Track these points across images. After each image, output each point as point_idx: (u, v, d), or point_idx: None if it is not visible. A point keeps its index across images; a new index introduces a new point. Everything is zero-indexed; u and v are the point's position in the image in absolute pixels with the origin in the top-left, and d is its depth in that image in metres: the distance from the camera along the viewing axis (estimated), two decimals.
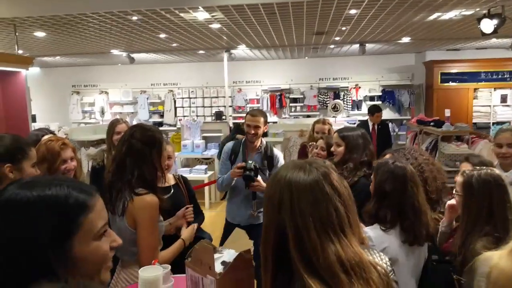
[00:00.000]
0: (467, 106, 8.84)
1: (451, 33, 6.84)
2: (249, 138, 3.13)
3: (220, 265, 1.88)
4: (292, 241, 1.01)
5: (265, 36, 6.79)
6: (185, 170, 6.66)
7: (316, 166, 1.10)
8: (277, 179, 1.10)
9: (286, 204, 1.04)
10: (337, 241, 1.01)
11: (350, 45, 8.13)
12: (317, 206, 1.03)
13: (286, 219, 1.03)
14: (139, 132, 2.00)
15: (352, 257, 1.00)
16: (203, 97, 10.30)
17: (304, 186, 1.04)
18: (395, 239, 1.84)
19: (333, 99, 10.04)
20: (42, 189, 0.84)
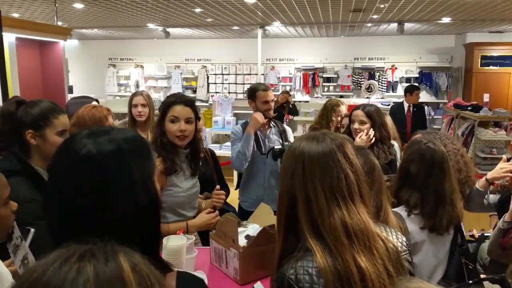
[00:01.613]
0: (508, 91, 8.44)
1: (494, 13, 6.48)
2: (267, 114, 3.05)
3: (244, 239, 1.95)
4: (301, 204, 1.08)
5: (301, 12, 6.67)
6: (215, 146, 6.76)
7: (331, 136, 1.16)
8: (292, 148, 1.17)
9: (298, 170, 1.11)
10: (344, 206, 1.07)
11: (388, 24, 7.86)
12: (328, 171, 1.09)
13: (297, 184, 1.10)
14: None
15: (357, 224, 1.06)
16: (236, 74, 10.30)
17: (317, 154, 1.11)
18: (414, 223, 1.78)
19: (368, 80, 9.82)
20: None
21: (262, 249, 1.87)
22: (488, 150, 5.55)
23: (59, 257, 0.53)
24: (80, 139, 0.83)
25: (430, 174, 1.77)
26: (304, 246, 1.06)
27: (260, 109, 3.05)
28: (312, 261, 1.02)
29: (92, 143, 0.82)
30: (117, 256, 0.55)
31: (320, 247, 1.03)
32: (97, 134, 0.85)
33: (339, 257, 1.02)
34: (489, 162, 5.45)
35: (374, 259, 1.05)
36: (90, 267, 0.52)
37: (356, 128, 2.74)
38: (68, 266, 0.51)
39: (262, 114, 3.01)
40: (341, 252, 1.02)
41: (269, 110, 3.07)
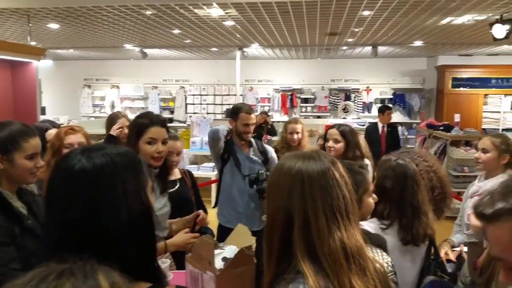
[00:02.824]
0: (477, 112, 8.75)
1: (463, 38, 6.78)
2: (246, 137, 3.10)
3: (220, 261, 1.90)
4: (298, 226, 1.04)
5: (278, 35, 6.80)
6: (193, 167, 6.70)
7: (324, 155, 1.14)
8: (286, 167, 1.11)
9: (296, 189, 1.06)
10: (343, 227, 1.04)
11: (363, 47, 8.10)
12: (328, 191, 1.06)
13: (295, 204, 1.05)
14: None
15: (354, 244, 1.04)
16: (214, 95, 10.33)
17: (317, 173, 1.07)
18: (391, 237, 1.80)
19: (344, 101, 10.02)
20: None
21: (240, 271, 1.82)
22: (460, 168, 5.70)
23: (36, 276, 0.53)
24: (75, 155, 0.90)
25: (405, 187, 1.82)
26: (295, 268, 1.02)
27: (239, 130, 3.09)
28: (304, 283, 0.98)
29: (86, 158, 0.89)
30: (96, 274, 0.55)
31: (312, 270, 1.00)
32: (91, 150, 0.92)
33: (335, 280, 0.99)
34: (461, 180, 5.59)
35: (367, 280, 1.03)
36: (68, 285, 0.51)
37: (330, 146, 2.79)
38: (46, 284, 0.51)
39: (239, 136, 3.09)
40: (339, 275, 0.99)
41: (247, 134, 3.10)
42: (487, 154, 2.58)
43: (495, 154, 2.55)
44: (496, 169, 2.57)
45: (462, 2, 4.48)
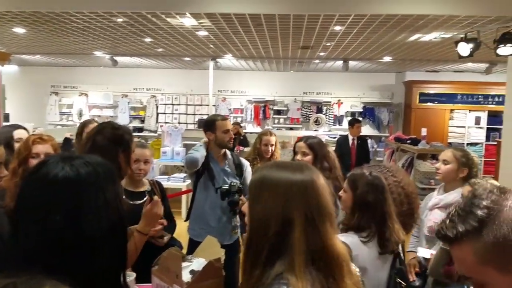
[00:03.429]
0: (443, 126, 9.06)
1: (430, 54, 7.03)
2: (229, 145, 3.10)
3: (188, 274, 1.85)
4: (300, 231, 1.05)
5: (252, 47, 6.83)
6: (163, 178, 6.57)
7: (307, 165, 1.21)
8: (276, 180, 1.13)
9: (296, 198, 1.09)
10: (334, 232, 1.11)
11: (334, 61, 8.25)
12: (327, 199, 1.12)
13: (295, 211, 1.07)
14: (107, 129, 1.97)
15: (344, 248, 1.10)
16: (186, 104, 10.24)
17: (313, 181, 1.12)
18: (372, 249, 1.86)
19: (316, 113, 10.15)
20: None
21: (207, 284, 1.78)
22: (427, 181, 5.84)
23: None
24: (56, 163, 0.89)
25: (384, 200, 1.89)
26: (278, 270, 1.03)
27: (221, 139, 3.06)
28: (287, 285, 0.99)
29: (69, 167, 0.89)
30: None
31: (306, 279, 1.00)
32: (71, 158, 0.92)
33: (334, 282, 1.03)
34: (427, 192, 5.68)
35: (355, 283, 1.10)
36: None
37: (299, 159, 2.80)
38: None
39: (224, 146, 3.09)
40: (338, 278, 1.04)
41: (231, 139, 3.09)
42: (447, 165, 2.67)
43: (455, 166, 2.63)
44: (454, 182, 2.65)
45: (429, 21, 4.65)
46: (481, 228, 0.80)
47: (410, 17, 4.53)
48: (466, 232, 0.81)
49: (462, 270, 0.84)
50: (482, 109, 9.09)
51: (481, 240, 0.80)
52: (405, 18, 4.59)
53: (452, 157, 2.65)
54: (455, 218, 0.84)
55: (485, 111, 9.07)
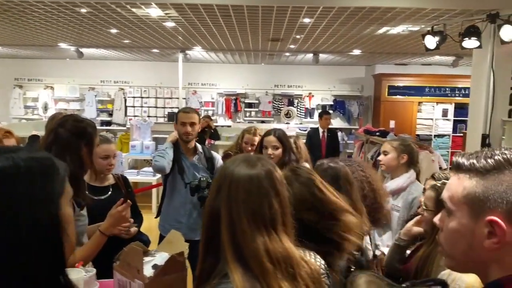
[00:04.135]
0: (411, 119, 9.26)
1: (398, 47, 7.14)
2: (184, 138, 3.01)
3: (150, 269, 1.80)
4: (225, 225, 1.05)
5: (221, 39, 6.74)
6: (132, 172, 6.43)
7: (262, 162, 1.15)
8: (224, 167, 1.17)
9: (224, 190, 1.09)
10: (265, 233, 1.05)
11: (305, 54, 8.27)
12: (252, 198, 1.07)
13: (222, 204, 1.07)
14: (69, 122, 1.90)
15: (280, 252, 1.04)
16: (156, 97, 10.03)
17: (244, 177, 1.09)
18: None
19: (287, 106, 10.18)
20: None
21: (170, 278, 1.73)
22: None
23: None
24: None
25: (339, 187, 1.87)
26: (222, 270, 1.02)
27: (178, 131, 3.03)
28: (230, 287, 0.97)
29: None
30: None
31: (240, 271, 0.99)
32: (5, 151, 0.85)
33: (263, 283, 0.99)
34: None
35: (298, 285, 1.04)
36: None
37: (270, 153, 2.75)
38: None
39: (175, 134, 3.07)
40: (266, 278, 0.99)
41: (187, 134, 3.00)
42: (387, 155, 2.82)
43: (394, 155, 2.79)
44: (398, 169, 2.80)
45: (396, 13, 4.71)
46: (489, 171, 0.80)
47: (378, 10, 4.57)
48: (476, 167, 0.82)
49: (444, 197, 0.87)
50: (449, 102, 9.33)
51: (481, 181, 0.80)
52: (373, 11, 4.62)
53: (390, 147, 2.82)
54: (475, 154, 0.84)
55: (452, 104, 9.32)
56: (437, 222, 0.89)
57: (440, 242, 0.88)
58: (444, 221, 0.87)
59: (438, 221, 0.89)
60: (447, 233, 0.86)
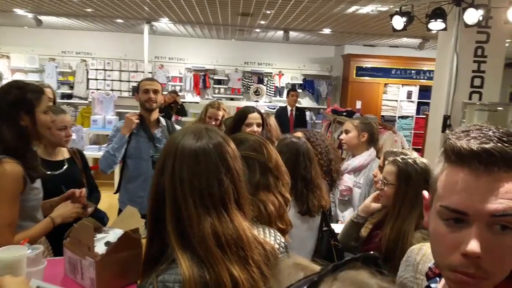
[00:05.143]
0: (377, 100, 9.39)
1: (367, 28, 7.16)
2: (147, 106, 2.89)
3: (103, 246, 1.72)
4: (169, 209, 0.96)
5: (189, 11, 6.51)
6: (94, 147, 6.20)
7: (211, 134, 1.03)
8: (169, 140, 1.05)
9: (168, 168, 0.98)
10: (215, 215, 0.96)
11: (275, 31, 8.15)
12: (198, 175, 0.97)
13: (167, 184, 0.97)
14: (6, 89, 1.76)
15: (231, 234, 0.96)
16: (120, 70, 9.64)
17: (189, 152, 0.98)
18: (291, 208, 1.88)
19: (257, 84, 10.08)
20: None
21: (123, 255, 1.67)
22: None
23: None
24: None
25: (297, 162, 1.94)
26: (170, 256, 0.94)
27: (141, 99, 2.90)
28: (175, 275, 0.90)
29: None
30: None
31: (188, 257, 0.92)
32: None
33: (210, 268, 0.91)
34: None
35: (250, 268, 0.97)
36: None
37: (255, 131, 2.67)
38: None
39: (137, 116, 2.89)
40: (213, 264, 0.92)
41: (150, 102, 2.89)
42: (348, 134, 2.88)
43: (355, 133, 2.85)
44: (359, 147, 2.87)
45: None
46: None
47: None
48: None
49: (508, 208, 0.63)
50: (414, 84, 9.50)
51: None
52: None
53: (351, 126, 2.88)
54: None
55: (417, 86, 9.50)
56: (476, 250, 0.63)
57: (489, 269, 0.64)
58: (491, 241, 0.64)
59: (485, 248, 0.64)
60: (508, 254, 0.65)
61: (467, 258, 0.64)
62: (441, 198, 0.68)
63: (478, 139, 0.65)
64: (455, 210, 0.65)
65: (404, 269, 1.22)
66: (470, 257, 0.63)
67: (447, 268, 0.68)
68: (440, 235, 0.68)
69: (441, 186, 0.69)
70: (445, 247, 0.67)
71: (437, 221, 0.69)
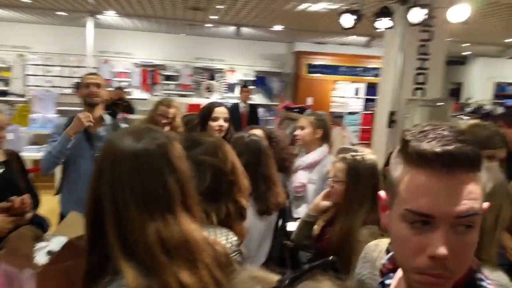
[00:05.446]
0: (327, 96, 9.64)
1: (318, 25, 7.27)
2: (89, 100, 2.71)
3: (44, 256, 1.58)
4: (109, 216, 0.89)
5: (138, 3, 6.27)
6: (32, 148, 5.79)
7: (153, 135, 0.97)
8: (107, 142, 0.97)
9: (107, 171, 0.91)
10: (160, 219, 0.90)
11: (227, 26, 8.06)
12: (140, 178, 0.91)
13: (105, 190, 0.90)
14: None
15: (178, 237, 0.91)
16: (61, 66, 9.10)
17: (129, 154, 0.92)
18: (250, 209, 1.83)
19: (209, 80, 9.95)
20: None
21: (68, 265, 1.53)
22: None
23: None
24: None
25: (259, 162, 1.91)
26: (113, 267, 0.87)
27: (83, 94, 2.71)
28: (121, 286, 0.84)
29: None
30: None
31: (132, 267, 0.86)
32: None
33: (157, 277, 0.86)
34: None
35: (199, 272, 0.92)
36: None
37: (221, 125, 2.60)
38: None
39: (90, 119, 2.67)
40: (160, 272, 0.86)
41: (92, 95, 2.70)
42: (304, 130, 2.87)
43: (310, 129, 2.85)
44: (313, 144, 2.87)
45: None
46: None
47: None
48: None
49: (470, 208, 0.64)
50: (362, 81, 9.84)
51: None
52: None
53: (307, 122, 2.87)
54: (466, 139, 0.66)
55: (364, 83, 9.83)
56: (444, 252, 0.63)
57: (453, 268, 0.65)
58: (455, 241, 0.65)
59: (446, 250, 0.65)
60: (470, 252, 0.67)
61: (434, 260, 0.64)
62: (405, 202, 0.68)
63: (439, 140, 0.65)
64: (421, 213, 0.65)
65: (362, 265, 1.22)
66: (437, 259, 0.64)
67: (413, 271, 0.68)
68: (405, 238, 0.68)
69: (404, 189, 0.68)
70: (410, 250, 0.67)
71: (400, 224, 0.68)
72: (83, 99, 2.77)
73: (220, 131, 2.59)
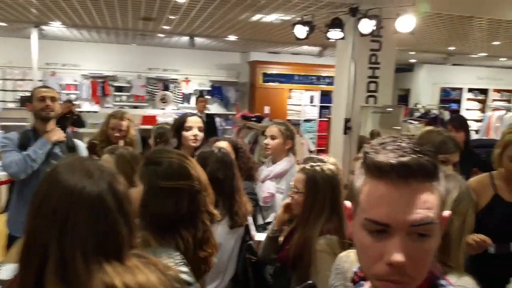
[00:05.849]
0: (283, 105, 9.78)
1: (272, 36, 7.37)
2: (44, 114, 2.61)
3: None
4: (52, 265, 0.79)
5: (85, 14, 6.03)
6: None
7: (102, 169, 0.89)
8: (50, 176, 0.86)
9: (59, 217, 0.81)
10: (110, 266, 0.82)
11: (180, 36, 7.97)
12: (96, 226, 0.83)
13: (53, 236, 0.80)
14: None
15: (128, 283, 0.83)
16: (4, 79, 8.60)
17: (88, 200, 0.83)
18: (223, 226, 1.86)
19: (163, 91, 9.77)
20: None
21: None
22: None
23: None
24: None
25: (233, 175, 1.93)
26: None
27: (37, 109, 2.62)
28: None
29: None
30: None
31: None
32: None
33: None
34: None
35: None
36: None
37: (196, 134, 2.57)
38: None
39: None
40: None
41: (47, 109, 2.61)
42: (275, 140, 2.84)
43: (281, 140, 2.84)
44: (281, 154, 2.87)
45: (269, 2, 4.79)
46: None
47: None
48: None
49: (425, 217, 0.67)
50: (316, 89, 10.08)
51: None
52: None
53: (278, 132, 2.84)
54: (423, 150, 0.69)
55: (318, 91, 10.07)
56: (400, 259, 0.66)
57: (412, 274, 0.68)
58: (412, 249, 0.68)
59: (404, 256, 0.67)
60: (427, 259, 0.69)
61: (392, 267, 0.67)
62: (365, 211, 0.71)
63: (395, 152, 0.69)
64: (378, 222, 0.68)
65: (334, 277, 1.22)
66: (394, 266, 0.67)
67: (374, 277, 0.71)
68: (365, 246, 0.71)
69: (364, 199, 0.72)
70: (370, 257, 0.70)
71: (362, 233, 0.71)
72: (36, 113, 2.65)
73: (195, 141, 2.56)
